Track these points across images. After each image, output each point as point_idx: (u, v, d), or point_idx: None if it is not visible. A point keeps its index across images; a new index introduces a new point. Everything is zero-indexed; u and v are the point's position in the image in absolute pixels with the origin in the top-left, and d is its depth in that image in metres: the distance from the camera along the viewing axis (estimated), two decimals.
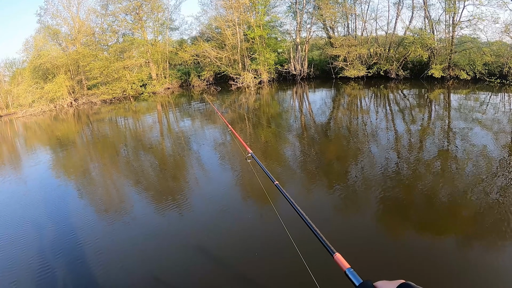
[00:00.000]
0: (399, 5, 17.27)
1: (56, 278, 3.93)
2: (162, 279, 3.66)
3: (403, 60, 16.33)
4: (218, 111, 6.46)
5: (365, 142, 7.69)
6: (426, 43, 15.23)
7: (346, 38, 18.43)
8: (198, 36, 23.69)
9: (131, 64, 22.89)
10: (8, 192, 7.45)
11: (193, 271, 3.69)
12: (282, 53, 21.59)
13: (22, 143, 14.72)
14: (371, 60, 17.43)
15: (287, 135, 9.26)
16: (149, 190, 6.36)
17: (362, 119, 10.25)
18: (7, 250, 4.70)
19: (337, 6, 18.93)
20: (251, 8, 20.84)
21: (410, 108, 11.12)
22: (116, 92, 22.94)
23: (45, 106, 24.16)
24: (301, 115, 12.05)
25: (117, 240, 4.59)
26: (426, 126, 8.66)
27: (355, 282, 0.77)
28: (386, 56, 17.05)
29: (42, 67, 23.91)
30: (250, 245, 4.07)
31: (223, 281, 3.44)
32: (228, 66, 21.14)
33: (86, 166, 9.03)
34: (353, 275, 0.82)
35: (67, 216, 5.66)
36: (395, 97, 13.42)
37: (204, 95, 20.28)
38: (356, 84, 16.77)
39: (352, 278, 0.81)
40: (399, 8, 17.30)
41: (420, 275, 3.24)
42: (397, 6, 17.33)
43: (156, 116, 16.56)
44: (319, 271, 2.62)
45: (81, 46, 24.27)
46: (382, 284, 0.63)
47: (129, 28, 23.96)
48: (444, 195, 4.74)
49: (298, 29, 20.13)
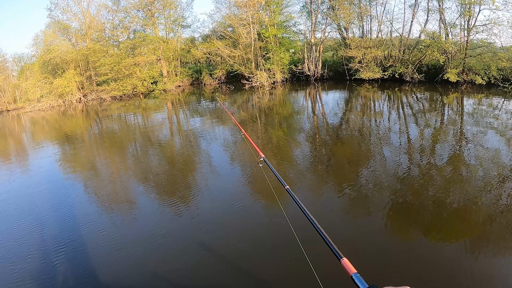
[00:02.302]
0: (415, 7, 18.41)
1: (58, 272, 4.26)
2: (168, 276, 3.95)
3: (418, 63, 17.46)
4: (230, 113, 7.40)
5: (377, 145, 8.27)
6: (442, 46, 16.33)
7: (362, 40, 19.66)
8: (210, 34, 25.05)
9: (142, 60, 24.34)
10: (14, 186, 8.08)
11: (199, 270, 3.95)
12: (296, 53, 22.83)
13: (30, 137, 15.98)
14: (387, 63, 18.58)
15: (299, 136, 10.01)
16: (157, 187, 6.84)
17: (375, 122, 11.08)
18: (11, 242, 5.08)
19: (353, 7, 20.14)
20: (265, 6, 22.18)
21: (423, 112, 11.94)
22: (127, 89, 24.48)
23: (53, 101, 25.72)
24: (314, 116, 12.96)
25: (123, 236, 4.93)
26: (438, 130, 9.32)
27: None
28: (401, 58, 18.18)
29: (51, 62, 25.62)
30: (257, 247, 4.34)
31: (229, 282, 3.70)
32: (241, 65, 22.47)
33: (93, 162, 9.77)
34: (360, 280, 0.87)
35: (73, 211, 6.09)
36: (409, 100, 14.44)
37: (216, 94, 21.69)
38: (370, 86, 17.96)
39: (358, 283, 0.86)
40: (414, 10, 18.47)
41: (428, 281, 3.42)
42: (413, 8, 18.48)
43: (166, 114, 17.81)
44: (325, 275, 3.08)
45: (92, 42, 25.77)
46: None
47: (141, 25, 25.44)
48: (454, 200, 5.05)
49: (312, 29, 21.41)
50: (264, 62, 22.11)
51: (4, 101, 28.16)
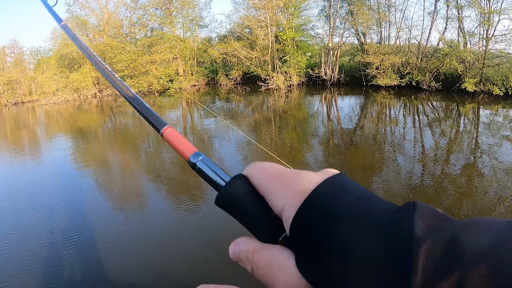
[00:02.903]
0: (434, 14, 18.87)
1: (67, 263, 4.44)
2: (176, 273, 4.06)
3: (435, 71, 17.89)
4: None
5: (391, 152, 8.55)
6: (461, 55, 16.74)
7: (380, 46, 20.15)
8: (227, 35, 25.70)
9: (159, 58, 25.05)
10: (27, 177, 8.51)
11: (209, 269, 4.03)
12: (313, 57, 23.39)
13: (44, 130, 16.73)
14: (404, 70, 19.04)
15: (313, 140, 10.34)
16: (168, 184, 7.13)
17: (390, 129, 11.38)
18: (19, 235, 5.29)
19: (371, 13, 20.64)
20: (283, 9, 22.79)
21: (439, 121, 12.22)
22: (142, 86, 25.29)
23: (69, 95, 26.63)
24: (329, 121, 13.28)
25: (132, 232, 5.11)
26: (453, 140, 9.62)
27: (220, 183, 0.39)
28: (418, 66, 18.63)
29: (68, 56, 26.56)
30: None
31: (239, 282, 4.58)
32: (258, 67, 23.08)
33: (106, 157, 10.21)
34: (209, 165, 0.41)
35: (84, 205, 6.34)
36: (425, 108, 14.86)
37: (231, 95, 22.30)
38: (386, 93, 18.43)
39: (201, 168, 0.41)
40: (433, 18, 18.91)
41: None
42: (432, 16, 18.92)
43: (180, 112, 18.41)
44: None
45: (109, 38, 26.57)
46: (263, 178, 0.34)
47: (159, 23, 26.19)
48: (466, 211, 5.16)
49: (331, 33, 21.95)
50: (281, 65, 22.72)
51: (20, 93, 29.16)
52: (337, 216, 0.27)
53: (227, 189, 0.37)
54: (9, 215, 6.10)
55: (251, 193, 0.34)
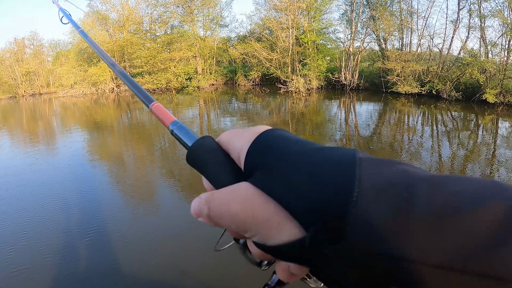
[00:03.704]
0: (457, 22, 19.39)
1: (78, 258, 4.57)
2: (192, 272, 4.14)
3: (456, 80, 18.39)
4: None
5: (407, 161, 8.46)
6: (483, 66, 17.20)
7: (402, 53, 20.78)
8: (247, 35, 26.50)
9: (178, 56, 25.92)
10: (42, 167, 8.92)
11: (220, 268, 4.10)
12: (332, 61, 24.06)
13: (60, 122, 17.59)
14: (426, 78, 19.63)
15: (329, 145, 11.00)
16: (182, 181, 7.33)
17: (407, 137, 11.65)
18: (36, 223, 5.53)
19: (394, 19, 21.27)
20: (304, 12, 23.52)
21: (457, 131, 12.50)
22: (161, 83, 26.18)
23: (86, 89, 27.68)
24: (347, 126, 13.63)
25: (144, 228, 5.27)
26: (471, 151, 9.77)
27: (187, 143, 0.48)
28: (439, 75, 19.16)
29: (87, 50, 27.41)
30: None
31: (250, 283, 3.73)
32: (277, 69, 23.84)
33: (120, 151, 10.62)
34: (182, 129, 0.52)
35: (99, 198, 6.58)
36: (444, 118, 15.16)
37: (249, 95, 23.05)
38: (406, 101, 18.90)
39: (180, 134, 0.51)
40: (456, 26, 19.42)
41: None
42: (455, 24, 19.44)
43: (197, 111, 18.96)
44: None
45: (129, 34, 27.50)
46: (228, 135, 0.43)
47: (179, 21, 27.12)
48: None
49: (352, 38, 22.62)
50: (301, 68, 23.49)
51: (37, 84, 30.42)
52: (284, 140, 0.36)
53: (192, 147, 0.44)
54: (27, 203, 6.41)
55: (215, 149, 0.42)
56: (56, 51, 33.29)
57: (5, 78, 29.75)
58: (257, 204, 0.31)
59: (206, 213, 0.35)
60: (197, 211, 0.36)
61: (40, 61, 30.28)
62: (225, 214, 0.33)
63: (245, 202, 0.32)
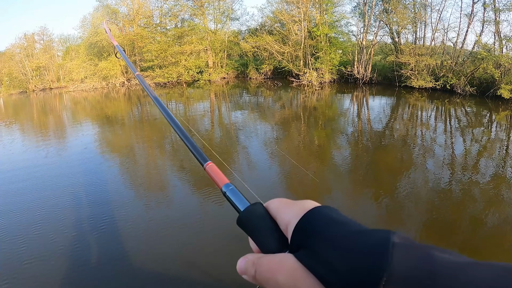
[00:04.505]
0: (471, 16, 19.56)
1: (89, 250, 4.74)
2: (201, 264, 4.30)
3: (470, 75, 18.65)
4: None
5: (420, 156, 8.80)
6: (498, 60, 17.44)
7: (416, 46, 21.13)
8: (258, 28, 26.92)
9: (189, 49, 26.45)
10: (51, 160, 9.27)
11: (227, 262, 4.22)
12: (345, 54, 24.41)
13: (70, 116, 18.03)
14: (440, 72, 19.95)
15: (341, 140, 10.79)
16: (193, 175, 7.48)
17: (420, 132, 11.83)
18: (48, 214, 5.79)
19: (407, 12, 21.51)
20: (316, 4, 23.85)
21: (471, 127, 12.53)
22: (172, 76, 26.78)
23: (97, 83, 28.27)
24: (359, 120, 13.83)
25: (155, 221, 5.45)
26: (484, 147, 9.81)
27: (240, 209, 0.54)
28: (453, 69, 19.45)
29: (98, 44, 28.00)
30: None
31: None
32: (289, 62, 24.30)
33: (131, 145, 10.95)
34: (235, 194, 0.58)
35: (109, 191, 6.78)
36: (457, 113, 15.26)
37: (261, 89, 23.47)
38: (419, 95, 19.15)
39: (233, 199, 0.57)
40: (470, 19, 19.57)
41: None
42: (469, 17, 19.59)
43: (208, 104, 19.28)
44: None
45: (139, 28, 28.01)
46: (277, 204, 0.49)
47: (190, 14, 27.57)
48: (492, 222, 5.31)
49: (365, 31, 22.94)
50: (313, 61, 23.88)
51: (48, 79, 31.13)
52: (328, 222, 0.41)
53: (244, 212, 0.51)
54: (40, 196, 6.69)
55: (264, 217, 0.48)
56: (66, 46, 34.00)
57: (16, 73, 30.55)
58: (299, 277, 0.38)
59: (252, 275, 0.42)
60: (243, 270, 0.44)
61: (50, 56, 30.93)
62: (270, 280, 0.40)
63: (290, 273, 0.39)
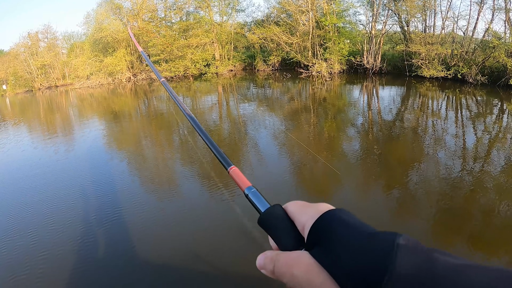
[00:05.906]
0: (481, 4, 19.77)
1: (98, 246, 4.89)
2: (208, 258, 4.46)
3: (481, 64, 19.07)
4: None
5: (431, 146, 8.95)
6: (510, 49, 17.69)
7: (427, 35, 21.45)
8: (264, 19, 27.41)
9: (195, 42, 27.07)
10: (60, 156, 9.62)
11: (234, 254, 4.40)
12: (354, 44, 24.81)
13: (77, 113, 18.56)
14: (452, 61, 20.25)
15: (351, 130, 10.95)
16: (202, 168, 7.70)
17: (431, 122, 11.98)
18: (54, 212, 5.98)
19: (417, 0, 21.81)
20: None
21: (483, 116, 12.70)
22: (178, 70, 27.46)
23: (103, 79, 29.00)
24: (369, 111, 14.08)
25: (164, 216, 5.62)
26: (496, 137, 9.92)
27: (261, 210, 0.62)
28: (464, 58, 19.87)
29: (102, 40, 28.63)
30: None
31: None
32: (298, 53, 24.89)
33: (139, 140, 11.16)
34: (257, 196, 0.66)
35: (116, 186, 6.99)
36: (468, 102, 15.51)
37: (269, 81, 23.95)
38: (430, 85, 19.42)
39: (255, 201, 0.65)
40: (481, 6, 19.81)
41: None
42: (480, 5, 19.86)
43: (216, 98, 19.72)
44: None
45: (143, 22, 28.62)
46: (295, 207, 0.57)
47: (195, 7, 28.13)
48: (504, 213, 5.38)
49: (374, 20, 23.35)
50: (322, 51, 24.33)
51: (53, 77, 32.02)
52: (341, 223, 0.47)
53: (265, 213, 0.60)
54: (49, 192, 6.99)
55: (283, 217, 0.57)
56: (71, 43, 34.81)
57: (21, 73, 31.44)
58: (313, 272, 0.45)
59: (270, 269, 0.50)
60: (262, 265, 0.52)
61: (55, 54, 31.76)
62: (287, 274, 0.47)
63: (305, 268, 0.46)
